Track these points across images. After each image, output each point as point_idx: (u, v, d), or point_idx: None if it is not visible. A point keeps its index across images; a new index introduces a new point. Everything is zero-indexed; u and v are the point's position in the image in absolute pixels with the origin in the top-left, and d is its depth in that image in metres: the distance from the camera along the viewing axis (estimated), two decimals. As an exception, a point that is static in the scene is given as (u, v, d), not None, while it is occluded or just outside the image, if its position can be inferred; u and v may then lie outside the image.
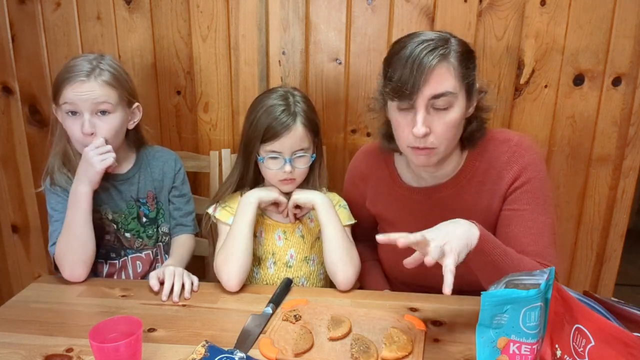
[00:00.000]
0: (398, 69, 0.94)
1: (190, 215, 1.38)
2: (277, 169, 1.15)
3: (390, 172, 1.18)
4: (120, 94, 1.17)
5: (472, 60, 0.99)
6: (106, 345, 0.78)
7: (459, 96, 0.96)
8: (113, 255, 1.27)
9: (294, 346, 0.89)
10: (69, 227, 1.14)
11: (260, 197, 1.16)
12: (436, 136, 0.97)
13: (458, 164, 1.11)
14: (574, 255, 1.60)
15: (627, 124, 1.46)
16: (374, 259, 1.30)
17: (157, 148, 1.37)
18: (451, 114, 0.97)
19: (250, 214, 1.14)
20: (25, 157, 1.71)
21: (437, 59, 0.93)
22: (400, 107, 0.98)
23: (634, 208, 1.63)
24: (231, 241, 1.13)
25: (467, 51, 0.99)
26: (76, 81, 1.11)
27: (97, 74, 1.14)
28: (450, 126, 0.97)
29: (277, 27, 1.51)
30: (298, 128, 1.13)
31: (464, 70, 0.96)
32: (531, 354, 0.77)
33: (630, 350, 0.63)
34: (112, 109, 1.15)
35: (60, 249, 1.15)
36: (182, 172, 1.37)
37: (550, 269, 0.78)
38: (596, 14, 1.39)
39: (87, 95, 1.12)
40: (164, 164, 1.33)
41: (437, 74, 0.93)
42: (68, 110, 1.13)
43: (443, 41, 0.95)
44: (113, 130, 1.16)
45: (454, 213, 1.10)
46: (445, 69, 0.94)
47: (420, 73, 0.92)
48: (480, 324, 0.78)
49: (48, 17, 1.57)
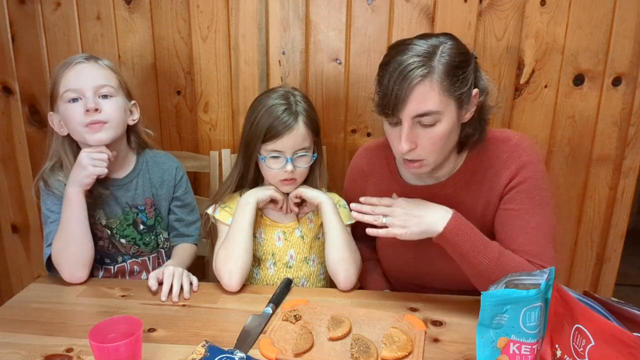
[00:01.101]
0: (382, 87, 0.96)
1: (193, 224, 1.35)
2: (279, 169, 1.15)
3: (391, 170, 1.18)
4: (120, 81, 1.18)
5: (463, 68, 0.95)
6: (106, 345, 0.78)
7: (445, 111, 0.95)
8: (108, 261, 1.25)
9: (294, 346, 0.89)
10: (63, 228, 1.12)
11: (258, 196, 1.16)
12: (423, 149, 0.98)
13: (458, 163, 1.11)
14: (574, 255, 1.60)
15: (627, 124, 1.46)
16: (373, 258, 1.30)
17: (159, 153, 1.33)
18: (437, 129, 0.96)
19: (249, 214, 1.15)
20: (25, 157, 1.71)
21: (417, 79, 0.92)
22: (389, 122, 1.00)
23: (634, 208, 1.62)
24: (231, 241, 1.13)
25: (458, 62, 0.94)
26: (75, 64, 1.12)
27: (95, 59, 1.15)
28: (437, 139, 0.97)
29: (277, 27, 1.51)
30: (300, 127, 1.13)
31: (451, 83, 0.93)
32: (531, 354, 0.77)
33: (630, 350, 0.63)
34: (114, 93, 1.15)
35: (56, 251, 1.13)
36: (184, 181, 1.34)
37: (550, 269, 0.78)
38: (596, 14, 1.39)
39: (89, 75, 1.12)
40: (164, 172, 1.30)
41: (418, 94, 0.92)
42: (70, 97, 1.11)
43: (428, 56, 0.93)
44: (118, 110, 1.15)
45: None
46: (428, 87, 0.92)
47: (401, 92, 0.92)
48: (480, 324, 0.78)
49: (48, 17, 1.57)
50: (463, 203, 1.09)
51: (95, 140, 1.13)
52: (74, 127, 1.13)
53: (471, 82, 0.98)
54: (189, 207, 1.35)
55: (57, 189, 1.17)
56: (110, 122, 1.13)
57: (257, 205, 1.16)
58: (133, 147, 1.28)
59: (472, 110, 1.01)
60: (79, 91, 1.11)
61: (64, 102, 1.12)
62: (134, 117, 1.24)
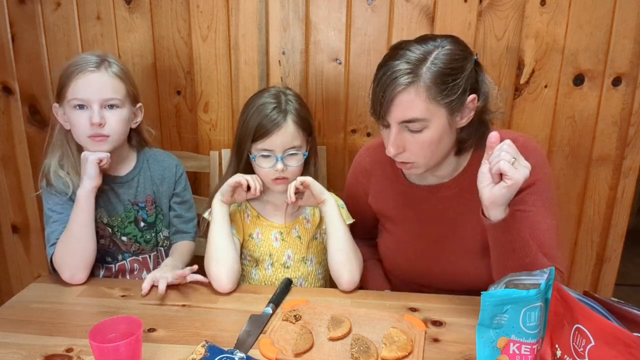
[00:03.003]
0: (373, 91, 0.98)
1: (191, 222, 1.36)
2: (269, 168, 1.15)
3: (394, 169, 1.18)
4: (128, 89, 1.18)
5: (454, 75, 0.94)
6: (106, 345, 0.78)
7: (432, 118, 0.95)
8: (109, 259, 1.26)
9: (294, 346, 0.89)
10: (70, 230, 1.13)
11: (222, 190, 1.15)
12: (412, 153, 1.00)
13: (461, 163, 1.10)
14: (574, 255, 1.60)
15: (627, 124, 1.46)
16: (374, 258, 1.30)
17: (159, 152, 1.34)
18: (425, 135, 0.97)
19: (220, 212, 1.14)
20: (25, 157, 1.71)
21: (402, 87, 0.93)
22: (379, 124, 1.02)
23: (634, 208, 1.62)
24: (211, 243, 1.13)
25: (449, 68, 0.93)
26: (86, 71, 1.11)
27: (107, 65, 1.14)
28: (425, 145, 0.98)
29: (277, 27, 1.51)
30: (289, 126, 1.13)
31: (439, 91, 0.93)
32: (531, 354, 0.77)
33: (630, 350, 0.63)
34: (120, 104, 1.15)
35: (60, 252, 1.14)
36: (184, 178, 1.35)
37: (550, 269, 0.78)
38: (596, 14, 1.39)
39: (98, 86, 1.12)
40: (164, 169, 1.31)
41: (402, 101, 0.94)
42: (76, 104, 1.12)
43: (417, 64, 0.93)
44: (121, 124, 1.16)
45: (456, 212, 1.11)
46: (413, 95, 0.93)
47: (387, 99, 0.94)
48: (480, 324, 0.78)
49: (48, 17, 1.57)
50: (467, 203, 1.09)
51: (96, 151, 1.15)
52: (77, 134, 1.16)
53: (464, 88, 0.96)
54: (188, 204, 1.36)
55: (59, 188, 1.17)
56: (112, 136, 1.15)
57: (227, 201, 1.15)
58: (134, 145, 1.29)
59: (470, 115, 1.00)
60: (86, 101, 1.12)
61: (70, 107, 1.13)
62: (137, 120, 1.24)
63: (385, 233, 1.24)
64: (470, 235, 1.10)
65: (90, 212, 1.14)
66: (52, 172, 1.18)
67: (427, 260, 1.16)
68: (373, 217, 1.27)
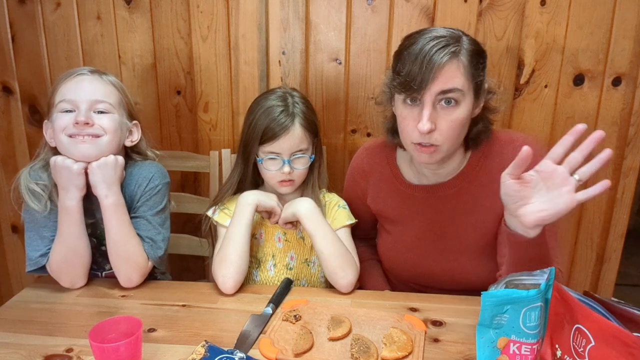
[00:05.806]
0: (407, 64, 0.95)
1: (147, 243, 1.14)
2: (276, 170, 1.15)
3: (392, 169, 1.18)
4: (122, 99, 1.11)
5: (482, 60, 0.99)
6: (106, 345, 0.78)
7: (466, 94, 0.96)
8: (95, 267, 1.19)
9: (294, 346, 0.89)
10: (64, 242, 1.07)
11: (260, 200, 1.15)
12: (440, 133, 0.97)
13: (461, 163, 1.11)
14: (574, 255, 1.60)
15: (627, 124, 1.46)
16: (373, 258, 1.30)
17: (146, 163, 1.19)
18: (457, 112, 0.97)
19: (247, 215, 1.13)
20: (25, 157, 1.71)
21: (447, 56, 0.93)
22: (407, 101, 0.99)
23: (634, 208, 1.62)
24: (227, 244, 1.12)
25: (479, 51, 0.98)
26: (77, 75, 1.07)
27: (101, 74, 1.10)
28: (456, 124, 0.97)
29: (277, 27, 1.51)
30: (296, 129, 1.13)
31: (474, 69, 0.96)
32: (531, 354, 0.77)
33: (630, 350, 0.63)
34: (111, 110, 1.08)
35: (57, 263, 1.09)
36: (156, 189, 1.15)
37: (551, 269, 0.78)
38: (596, 14, 1.39)
39: (87, 89, 1.05)
40: (138, 177, 1.15)
41: (446, 71, 0.93)
42: (63, 108, 1.05)
43: (455, 39, 0.95)
44: (112, 125, 1.06)
45: (455, 212, 1.11)
46: (456, 66, 0.94)
47: (429, 69, 0.93)
48: (480, 324, 0.78)
49: (48, 17, 1.57)
50: (465, 203, 1.09)
51: (79, 153, 1.04)
52: (58, 138, 1.05)
53: (485, 78, 1.00)
54: (143, 220, 1.16)
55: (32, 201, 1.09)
56: (102, 136, 1.05)
57: (256, 208, 1.15)
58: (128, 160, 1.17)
59: (480, 106, 1.02)
60: (74, 103, 1.04)
61: (57, 112, 1.06)
62: (133, 138, 1.15)
63: (385, 233, 1.24)
64: (469, 235, 1.10)
65: (83, 222, 1.08)
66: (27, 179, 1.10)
67: (427, 260, 1.16)
68: (372, 218, 1.27)
